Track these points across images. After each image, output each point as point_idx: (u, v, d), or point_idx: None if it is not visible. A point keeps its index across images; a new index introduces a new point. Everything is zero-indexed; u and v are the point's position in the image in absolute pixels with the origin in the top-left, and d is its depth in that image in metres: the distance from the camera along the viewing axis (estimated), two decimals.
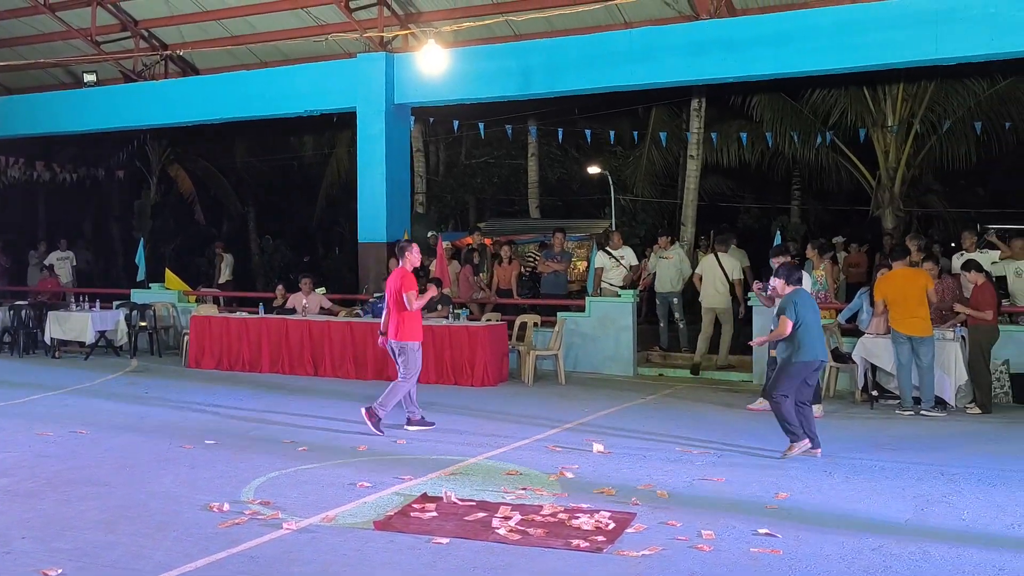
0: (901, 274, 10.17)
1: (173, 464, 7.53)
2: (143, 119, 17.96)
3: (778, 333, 7.90)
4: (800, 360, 7.83)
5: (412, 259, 9.22)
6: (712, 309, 12.98)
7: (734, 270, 13.04)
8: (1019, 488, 6.86)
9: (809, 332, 7.87)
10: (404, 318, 9.01)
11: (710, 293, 12.96)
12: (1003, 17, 11.32)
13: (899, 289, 10.03)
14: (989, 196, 24.32)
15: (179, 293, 16.46)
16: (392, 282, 9.16)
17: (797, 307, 7.89)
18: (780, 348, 8.07)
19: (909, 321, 9.91)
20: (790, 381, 7.86)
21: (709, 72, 13.17)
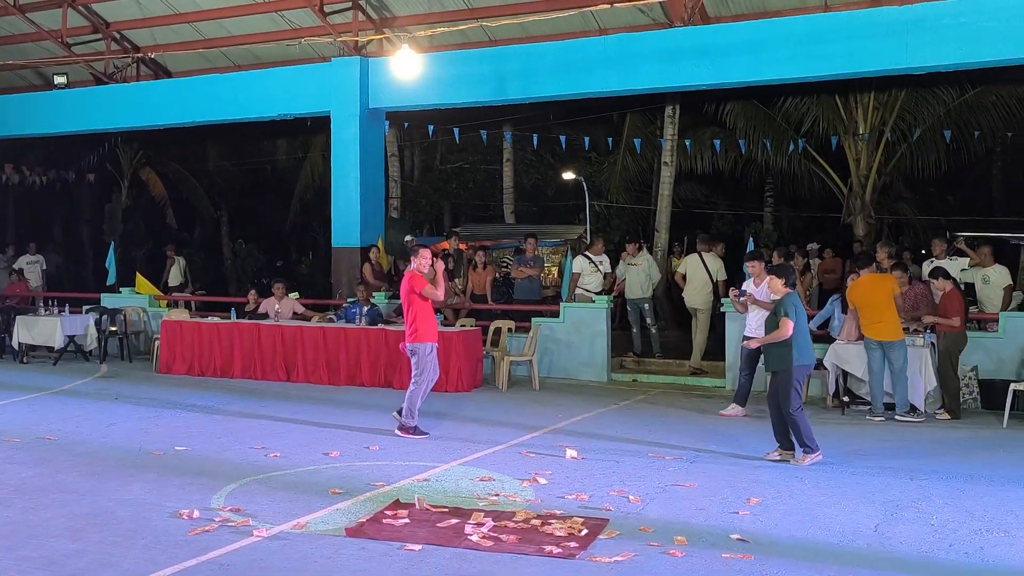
0: (867, 280, 10.27)
1: (142, 471, 7.45)
2: (114, 122, 17.79)
3: (780, 334, 7.84)
4: (800, 364, 7.86)
5: (420, 262, 9.25)
6: (696, 308, 13.14)
7: (719, 271, 13.24)
8: (987, 493, 6.94)
9: (804, 336, 7.99)
10: (416, 320, 9.08)
11: (694, 293, 13.09)
12: (971, 27, 11.47)
13: (865, 295, 10.13)
14: (958, 204, 24.62)
15: (150, 297, 16.31)
16: (402, 286, 9.28)
17: (797, 310, 7.92)
18: (772, 357, 7.98)
19: (876, 327, 10.00)
20: (797, 390, 7.85)
21: (683, 79, 13.23)
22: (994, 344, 11.13)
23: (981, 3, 11.56)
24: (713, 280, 13.15)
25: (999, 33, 11.37)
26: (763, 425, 9.75)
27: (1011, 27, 11.29)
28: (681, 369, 13.34)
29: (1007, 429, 9.69)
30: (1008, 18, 11.30)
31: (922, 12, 11.74)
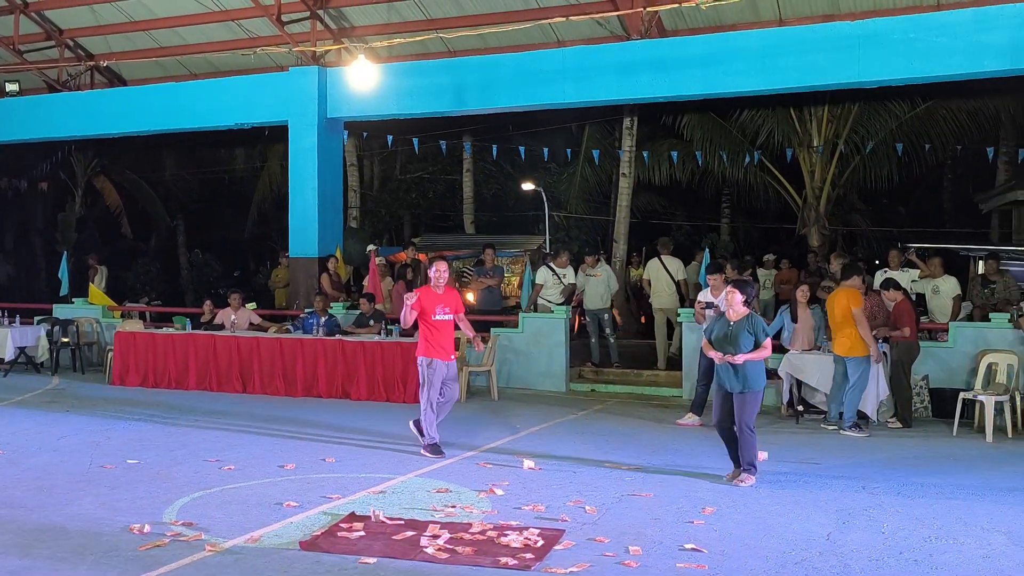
0: (834, 294, 10.39)
1: (93, 485, 7.33)
2: (68, 130, 17.50)
3: (765, 353, 7.69)
4: (763, 385, 7.76)
5: (431, 275, 9.05)
6: (662, 310, 13.38)
7: (678, 271, 13.55)
8: (937, 501, 7.05)
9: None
10: (418, 334, 8.93)
11: (659, 294, 13.40)
12: (922, 43, 11.72)
13: (830, 309, 10.27)
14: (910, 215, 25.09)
15: (103, 308, 16.06)
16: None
17: (765, 329, 7.82)
18: (750, 376, 7.64)
19: (837, 341, 10.14)
20: (756, 409, 7.70)
21: (640, 91, 13.35)
22: (944, 354, 11.33)
23: (930, 19, 11.85)
24: (675, 280, 13.43)
25: (948, 48, 11.63)
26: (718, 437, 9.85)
27: (959, 43, 11.56)
28: (639, 379, 13.41)
29: (956, 437, 9.87)
30: (956, 34, 11.57)
31: (874, 28, 11.98)
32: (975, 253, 15.30)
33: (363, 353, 12.15)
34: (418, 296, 8.79)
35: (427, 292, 8.89)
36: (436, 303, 8.79)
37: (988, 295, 12.25)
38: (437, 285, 8.91)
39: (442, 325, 8.77)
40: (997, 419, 9.89)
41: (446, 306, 8.83)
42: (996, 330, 11.13)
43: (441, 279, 8.92)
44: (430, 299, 8.81)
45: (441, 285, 8.92)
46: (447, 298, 8.91)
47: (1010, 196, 18.89)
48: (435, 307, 8.76)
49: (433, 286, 8.92)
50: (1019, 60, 11.41)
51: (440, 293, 8.88)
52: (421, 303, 8.75)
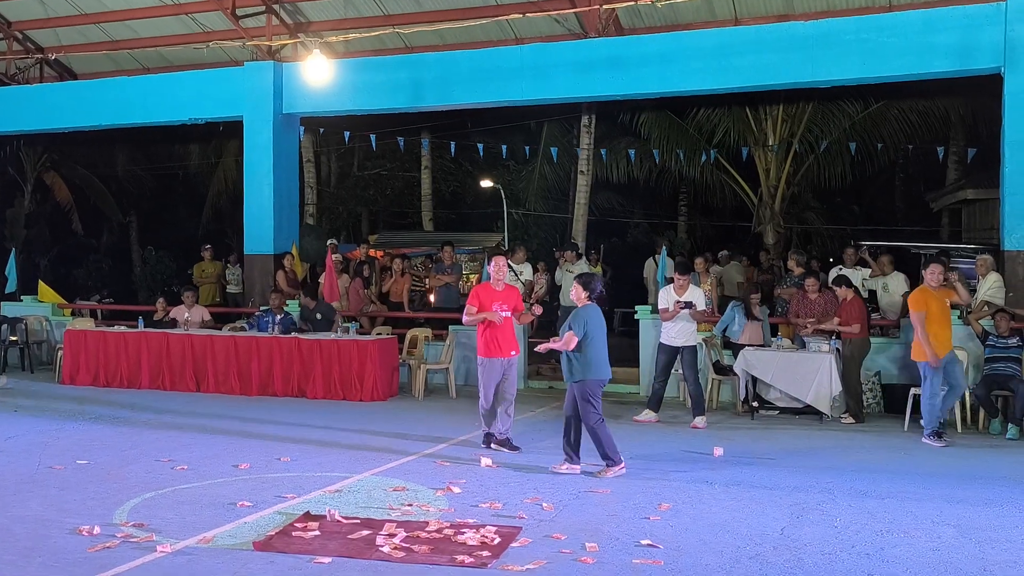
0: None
1: (41, 486, 7.17)
2: (16, 124, 17.14)
3: (563, 345, 7.69)
4: (593, 378, 7.69)
5: (490, 271, 8.99)
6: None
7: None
8: (888, 495, 7.15)
9: (599, 350, 7.74)
10: (478, 333, 8.82)
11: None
12: (873, 43, 11.89)
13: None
14: (863, 213, 25.47)
15: (53, 306, 15.76)
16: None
17: (588, 323, 7.69)
18: (568, 368, 7.76)
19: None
20: (592, 402, 7.67)
21: (597, 89, 13.39)
22: (895, 350, 11.50)
23: (881, 20, 12.03)
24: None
25: (898, 49, 11.82)
26: (676, 431, 9.94)
27: (910, 43, 11.76)
28: None
29: (908, 432, 10.02)
30: (906, 35, 11.77)
31: (826, 28, 12.13)
32: (926, 251, 15.56)
33: (319, 351, 12.04)
34: (477, 293, 8.79)
35: (486, 289, 8.85)
36: (494, 300, 8.73)
37: None
38: (496, 282, 8.84)
39: (503, 321, 8.70)
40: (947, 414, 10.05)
41: (504, 303, 8.75)
42: None
43: (500, 275, 8.86)
44: (488, 296, 8.75)
45: (500, 282, 8.86)
46: (506, 295, 8.84)
47: (960, 195, 19.29)
48: (492, 304, 8.69)
49: (492, 283, 8.86)
50: (967, 61, 11.64)
51: (499, 290, 8.82)
52: (479, 299, 8.72)
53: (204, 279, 16.34)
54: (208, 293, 16.11)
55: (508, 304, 8.79)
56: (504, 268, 8.96)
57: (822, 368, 10.41)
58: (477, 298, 8.75)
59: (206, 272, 16.53)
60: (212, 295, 16.27)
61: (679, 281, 10.45)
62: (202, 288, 15.80)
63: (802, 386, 10.51)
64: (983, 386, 10.07)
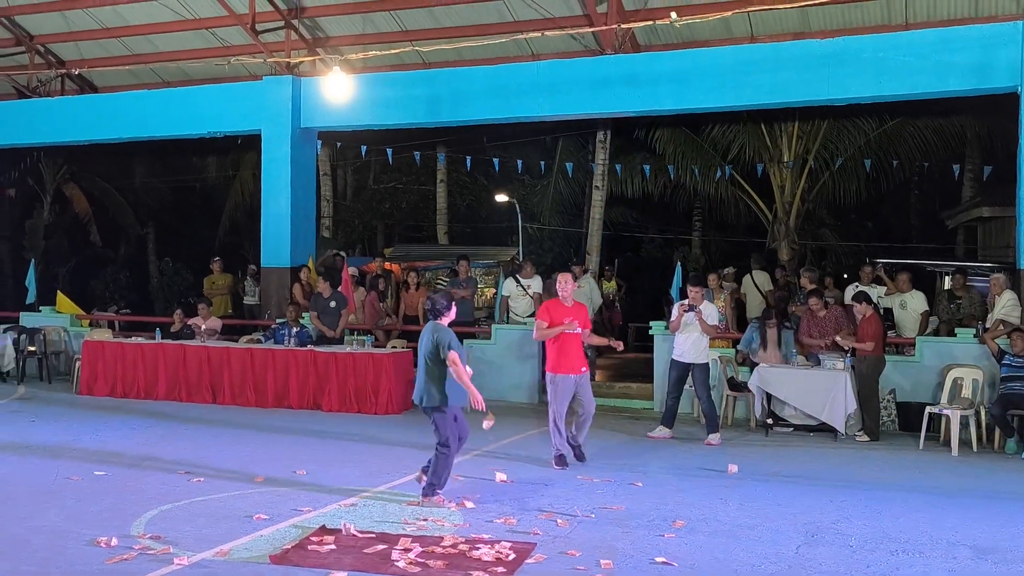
0: None
1: (59, 497, 7.24)
2: (37, 137, 17.34)
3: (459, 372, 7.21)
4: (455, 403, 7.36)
5: (558, 288, 8.93)
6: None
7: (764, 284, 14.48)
8: (903, 514, 7.14)
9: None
10: (547, 349, 8.82)
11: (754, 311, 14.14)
12: (890, 62, 11.91)
13: None
14: (878, 230, 25.38)
15: (71, 317, 15.89)
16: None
17: (454, 342, 7.32)
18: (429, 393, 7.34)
19: None
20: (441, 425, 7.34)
21: (613, 106, 13.45)
22: (911, 368, 11.48)
23: (898, 38, 12.05)
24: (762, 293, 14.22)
25: (915, 67, 11.83)
26: (690, 448, 9.93)
27: (926, 62, 11.77)
28: (611, 391, 13.45)
29: (923, 451, 9.99)
30: (922, 53, 11.78)
31: (842, 46, 12.16)
32: (942, 269, 15.52)
33: (335, 364, 12.10)
34: (547, 309, 8.82)
35: (556, 305, 8.84)
36: (564, 316, 8.72)
37: (954, 311, 12.43)
38: (565, 298, 8.82)
39: (568, 338, 8.70)
40: (962, 433, 10.05)
41: (574, 319, 8.72)
42: (962, 345, 11.29)
43: (567, 292, 8.82)
44: (558, 312, 8.76)
45: (568, 298, 8.84)
46: (575, 312, 8.82)
47: (975, 212, 19.20)
48: (563, 320, 8.69)
49: (562, 299, 8.83)
50: (984, 80, 11.63)
51: (568, 306, 8.82)
52: (550, 315, 8.74)
53: (215, 291, 16.46)
54: (220, 305, 16.22)
55: (578, 321, 8.76)
56: (571, 284, 8.88)
57: (837, 385, 10.39)
58: (548, 314, 8.76)
59: (216, 284, 16.67)
60: (224, 307, 16.38)
61: (692, 293, 10.43)
62: (213, 300, 15.93)
63: (817, 403, 10.50)
64: (999, 405, 10.03)
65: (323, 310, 13.14)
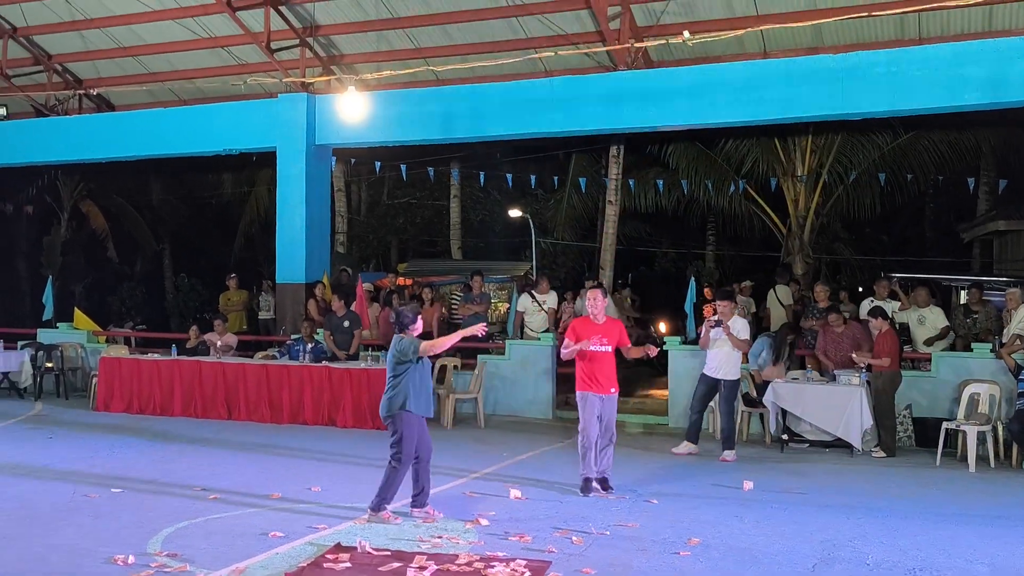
0: None
1: (76, 514, 7.28)
2: (55, 155, 17.50)
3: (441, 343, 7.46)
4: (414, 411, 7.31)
5: (587, 305, 8.66)
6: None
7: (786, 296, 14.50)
8: (921, 532, 7.09)
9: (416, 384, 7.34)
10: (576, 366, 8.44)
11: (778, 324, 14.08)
12: (903, 76, 11.90)
13: None
14: (893, 244, 25.30)
15: (88, 333, 15.99)
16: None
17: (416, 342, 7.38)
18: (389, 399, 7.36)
19: None
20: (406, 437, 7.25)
21: (626, 122, 13.48)
22: (927, 383, 11.42)
23: (911, 54, 12.05)
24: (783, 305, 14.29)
25: (928, 82, 11.81)
26: (705, 464, 9.90)
27: (940, 76, 11.75)
28: (625, 406, 13.39)
29: (940, 467, 9.93)
30: (936, 68, 11.76)
31: (856, 61, 12.16)
32: (958, 283, 15.45)
33: (349, 380, 12.14)
34: (574, 327, 8.47)
35: (584, 323, 8.49)
36: (592, 334, 8.32)
37: (970, 325, 12.36)
38: (595, 315, 8.45)
39: (596, 357, 8.29)
40: (980, 449, 9.98)
41: (604, 337, 8.31)
42: (978, 360, 11.23)
43: (596, 309, 8.42)
44: (586, 329, 8.38)
45: (599, 315, 8.44)
46: (606, 329, 8.39)
47: (991, 226, 19.13)
48: (591, 338, 8.30)
49: (592, 316, 8.48)
50: (998, 94, 11.60)
51: (599, 323, 8.41)
52: (576, 332, 8.38)
53: (230, 307, 16.55)
54: (235, 321, 16.31)
55: (609, 338, 8.34)
56: (600, 301, 8.43)
57: (853, 401, 10.34)
58: (574, 332, 8.40)
59: (232, 300, 16.75)
60: (240, 323, 16.47)
61: (720, 307, 10.38)
62: (229, 316, 16.01)
63: (832, 419, 10.45)
64: (1017, 421, 9.96)
65: (336, 329, 13.19)
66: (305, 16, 15.04)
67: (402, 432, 7.26)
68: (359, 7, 14.68)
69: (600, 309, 8.42)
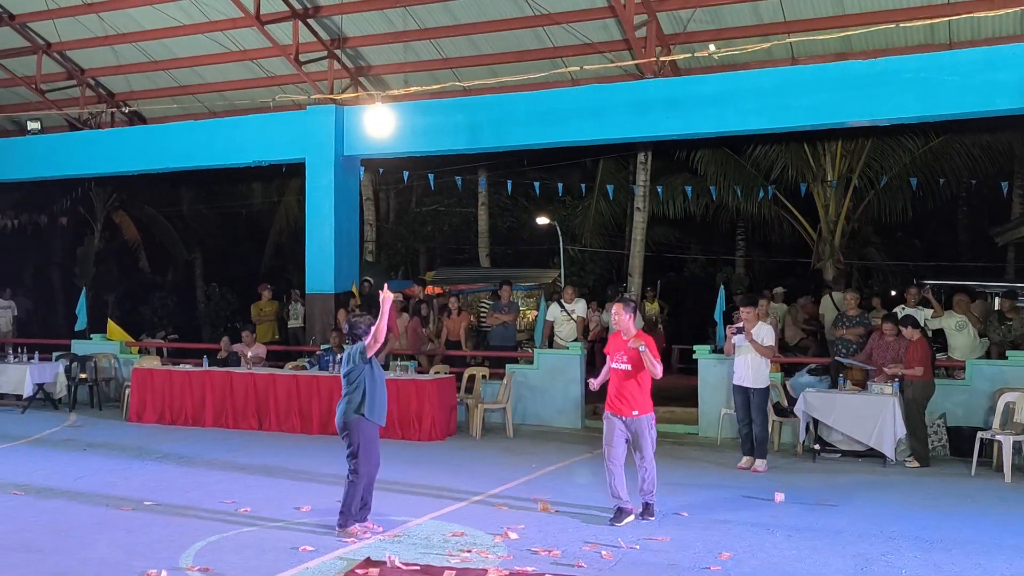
0: None
1: (110, 528, 7.36)
2: (88, 168, 17.74)
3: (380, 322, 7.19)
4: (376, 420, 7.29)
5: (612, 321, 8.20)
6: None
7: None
8: (955, 545, 7.00)
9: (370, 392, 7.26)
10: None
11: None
12: (934, 81, 11.74)
13: None
14: (925, 248, 25.02)
15: (121, 344, 16.18)
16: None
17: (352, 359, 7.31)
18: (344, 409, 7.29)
19: None
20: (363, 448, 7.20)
21: (654, 130, 13.41)
22: (962, 392, 11.27)
23: (942, 58, 11.89)
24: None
25: (959, 87, 11.65)
26: (736, 475, 9.83)
27: (971, 82, 11.58)
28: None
29: (975, 477, 9.79)
30: (967, 72, 11.60)
31: (885, 66, 12.03)
32: (992, 290, 15.23)
33: None
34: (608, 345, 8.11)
35: (616, 337, 8.01)
36: (616, 350, 7.89)
37: (1005, 332, 12.19)
38: (622, 331, 7.93)
39: (617, 374, 7.83)
40: (1015, 459, 9.84)
41: (626, 354, 7.78)
42: (1014, 368, 11.07)
43: (619, 324, 7.92)
44: (614, 344, 7.97)
45: (626, 329, 7.88)
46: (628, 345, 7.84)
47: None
48: (613, 353, 7.91)
49: (621, 331, 7.96)
50: None
51: (625, 339, 7.88)
52: (608, 349, 8.06)
53: (262, 318, 16.67)
54: (267, 331, 16.42)
55: (631, 355, 7.76)
56: (623, 316, 7.88)
57: (885, 410, 10.23)
58: (607, 348, 8.06)
59: (264, 311, 16.87)
60: (272, 333, 16.59)
61: (743, 314, 10.29)
62: (260, 326, 16.12)
63: (865, 428, 10.34)
64: None
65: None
66: (333, 28, 15.15)
67: (359, 442, 7.20)
68: (386, 18, 14.76)
69: (625, 324, 7.89)
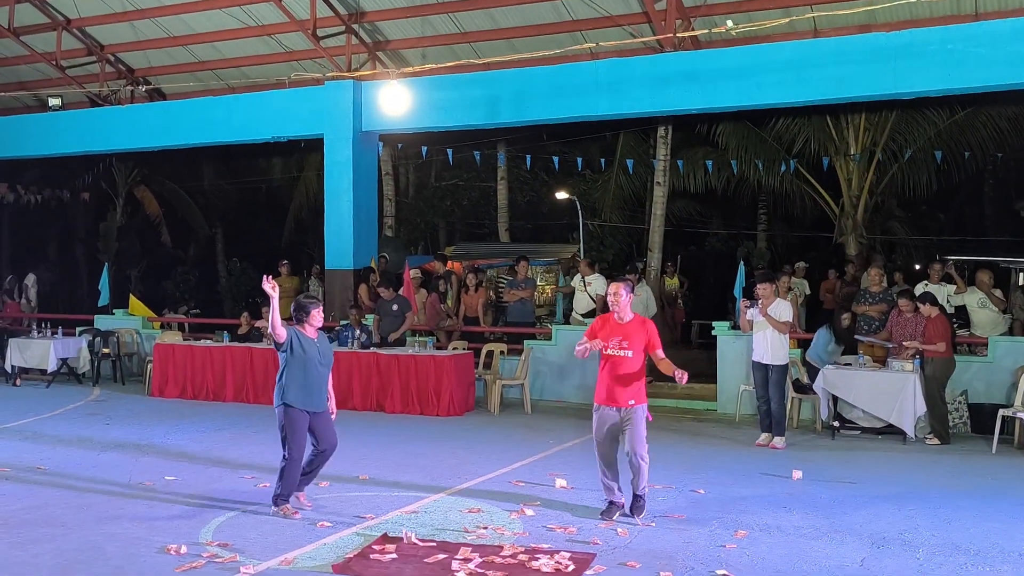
0: None
1: (132, 503, 7.45)
2: (109, 144, 17.82)
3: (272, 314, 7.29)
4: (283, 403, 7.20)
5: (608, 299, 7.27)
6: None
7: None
8: (973, 524, 6.96)
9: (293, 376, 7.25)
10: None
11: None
12: (959, 54, 11.55)
13: None
14: (950, 222, 24.74)
15: (143, 319, 16.32)
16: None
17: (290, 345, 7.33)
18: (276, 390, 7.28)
19: None
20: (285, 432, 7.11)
21: (674, 103, 13.29)
22: (984, 368, 11.17)
23: (968, 30, 11.68)
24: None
25: (986, 59, 11.45)
26: (753, 452, 9.81)
27: (998, 53, 11.38)
28: (673, 391, 13.33)
29: (996, 455, 9.72)
30: (995, 44, 11.39)
31: (909, 38, 11.84)
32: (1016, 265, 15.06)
33: (397, 367, 12.24)
34: (592, 325, 7.32)
35: (604, 321, 7.23)
36: (612, 335, 7.07)
37: None
38: (617, 314, 7.15)
39: (615, 363, 7.04)
40: None
41: (625, 340, 7.02)
42: None
43: (617, 306, 7.11)
44: (604, 329, 7.15)
45: (621, 314, 7.13)
46: (630, 330, 7.07)
47: None
48: (609, 339, 7.07)
49: (615, 314, 7.18)
50: None
51: (621, 323, 7.11)
52: (592, 331, 7.21)
53: (281, 294, 16.67)
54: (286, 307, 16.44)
55: (632, 341, 7.04)
56: (622, 297, 7.09)
57: (906, 387, 10.16)
58: (592, 329, 7.23)
59: (283, 287, 16.87)
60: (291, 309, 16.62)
61: (760, 290, 10.20)
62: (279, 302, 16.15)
63: (885, 405, 10.28)
64: None
65: (386, 314, 13.28)
66: (351, 2, 15.07)
67: (285, 427, 7.14)
68: None
69: (623, 307, 7.11)
